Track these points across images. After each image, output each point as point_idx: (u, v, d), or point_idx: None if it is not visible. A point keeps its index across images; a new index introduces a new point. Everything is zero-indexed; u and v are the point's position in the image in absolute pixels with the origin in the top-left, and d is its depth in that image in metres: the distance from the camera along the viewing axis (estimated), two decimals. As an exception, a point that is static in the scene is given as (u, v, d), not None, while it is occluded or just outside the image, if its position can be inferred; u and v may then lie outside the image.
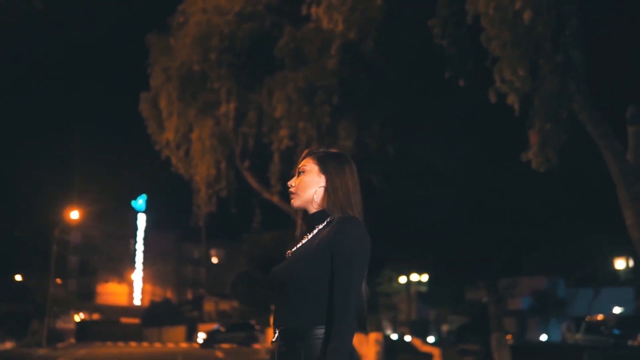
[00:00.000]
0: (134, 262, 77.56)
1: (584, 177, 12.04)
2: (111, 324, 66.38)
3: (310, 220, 2.64)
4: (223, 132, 13.67)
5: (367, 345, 15.44)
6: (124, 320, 70.19)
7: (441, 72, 10.03)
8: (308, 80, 11.97)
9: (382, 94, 12.23)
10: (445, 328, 39.89)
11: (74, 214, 48.98)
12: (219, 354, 36.74)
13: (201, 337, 45.58)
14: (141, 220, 78.55)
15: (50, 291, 48.15)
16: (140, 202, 78.85)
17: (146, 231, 78.56)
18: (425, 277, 34.47)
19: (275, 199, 14.05)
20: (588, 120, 8.98)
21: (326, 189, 2.59)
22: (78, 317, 63.74)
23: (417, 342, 20.81)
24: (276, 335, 2.60)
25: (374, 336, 15.43)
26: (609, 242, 30.10)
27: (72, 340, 55.19)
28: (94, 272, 74.08)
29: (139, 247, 78.11)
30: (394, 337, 32.39)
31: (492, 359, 14.18)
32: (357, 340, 15.82)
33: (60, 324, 54.98)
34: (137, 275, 77.46)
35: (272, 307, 2.58)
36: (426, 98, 12.84)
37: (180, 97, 13.55)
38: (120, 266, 75.73)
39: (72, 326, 59.47)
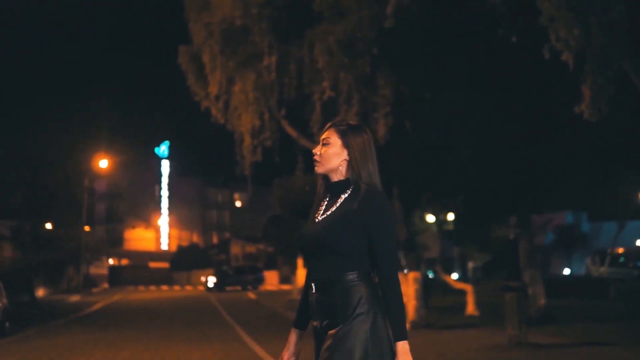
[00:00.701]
0: (159, 208, 78.92)
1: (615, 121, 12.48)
2: (141, 269, 67.94)
3: (334, 187, 2.99)
4: (265, 84, 14.13)
5: (406, 284, 16.10)
6: (152, 264, 71.80)
7: (484, 29, 10.39)
8: (348, 32, 12.38)
9: (422, 48, 12.62)
10: (470, 265, 40.74)
11: (103, 163, 49.85)
12: (252, 295, 37.82)
13: (211, 280, 45.76)
14: (165, 166, 79.63)
15: (83, 238, 49.30)
16: (163, 149, 79.86)
17: (170, 177, 79.68)
18: (451, 216, 35.12)
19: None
20: (633, 72, 9.45)
21: (349, 161, 2.95)
22: (110, 263, 65.32)
23: (450, 280, 21.51)
24: (313, 287, 3.02)
25: (412, 275, 16.08)
26: (634, 176, 30.50)
27: (106, 285, 56.80)
28: (121, 219, 75.50)
29: (164, 193, 79.34)
30: (430, 274, 33.26)
31: (526, 294, 14.79)
32: (397, 279, 16.54)
33: (93, 270, 56.44)
34: (164, 221, 78.88)
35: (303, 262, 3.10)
36: (457, 54, 13.29)
37: (222, 51, 14.00)
38: (146, 212, 77.08)
39: (104, 272, 61.04)
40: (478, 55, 13.59)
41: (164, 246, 78.00)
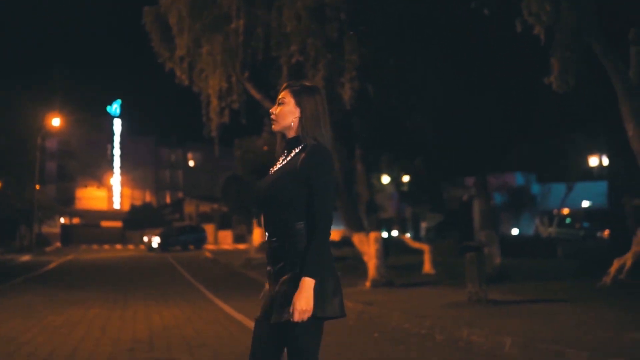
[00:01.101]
0: (112, 167, 78.13)
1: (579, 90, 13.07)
2: (93, 228, 67.51)
3: (288, 143, 3.28)
4: (232, 47, 14.23)
5: (367, 244, 16.59)
6: (105, 224, 71.37)
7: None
8: (316, -1, 12.62)
9: (388, 14, 12.89)
10: (423, 225, 41.60)
11: (55, 121, 49.09)
12: (208, 254, 38.10)
13: (155, 241, 45.08)
14: (117, 125, 78.64)
15: (35, 197, 48.71)
16: (115, 108, 78.75)
17: (122, 136, 78.78)
18: (406, 178, 35.79)
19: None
20: (598, 47, 10.00)
21: (300, 119, 3.22)
22: (62, 222, 64.67)
23: (407, 239, 22.08)
24: (267, 235, 3.31)
25: (373, 235, 16.55)
26: (583, 140, 31.52)
27: (58, 244, 56.35)
28: (73, 178, 74.58)
29: (116, 152, 78.50)
30: (384, 234, 33.89)
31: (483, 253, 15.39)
32: (358, 239, 17.00)
33: (46, 229, 55.94)
34: (116, 180, 78.19)
35: (261, 216, 3.44)
36: (425, 22, 13.64)
37: (190, 13, 14.04)
38: (99, 172, 76.26)
39: (57, 230, 60.48)
40: (447, 24, 13.95)
41: (117, 205, 77.46)
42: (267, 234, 3.28)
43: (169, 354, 8.02)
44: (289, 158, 3.25)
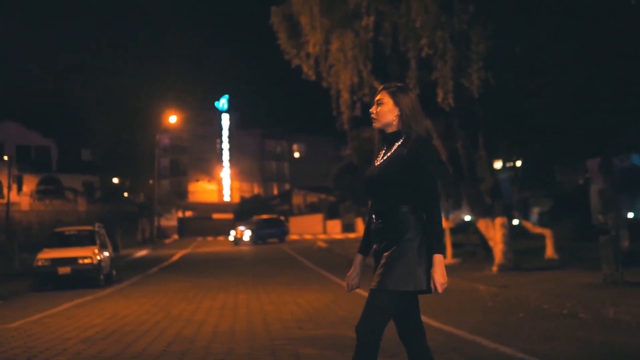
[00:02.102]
0: (221, 160, 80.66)
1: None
2: (206, 220, 69.89)
3: (390, 138, 3.72)
4: (362, 43, 14.90)
5: (493, 229, 16.94)
6: (216, 216, 73.74)
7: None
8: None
9: (514, 6, 13.22)
10: (536, 210, 41.09)
11: (172, 118, 51.27)
12: (321, 244, 39.04)
13: (247, 234, 44.04)
14: (225, 120, 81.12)
15: (155, 191, 51.08)
16: (222, 103, 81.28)
17: (230, 130, 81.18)
18: (519, 163, 35.47)
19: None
20: None
21: (400, 116, 3.67)
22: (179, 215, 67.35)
23: (528, 224, 22.15)
24: (374, 217, 3.78)
25: (499, 220, 16.87)
26: None
27: (176, 236, 58.82)
28: (185, 172, 77.48)
29: (225, 146, 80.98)
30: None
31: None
32: (484, 224, 17.36)
33: (164, 222, 58.51)
34: (225, 173, 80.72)
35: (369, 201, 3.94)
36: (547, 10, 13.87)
37: (321, 12, 14.77)
38: (209, 165, 78.91)
39: (174, 223, 63.11)
40: (566, 10, 14.13)
41: (227, 198, 79.95)
42: (374, 215, 3.77)
43: (337, 329, 8.75)
44: (392, 149, 3.72)
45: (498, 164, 38.09)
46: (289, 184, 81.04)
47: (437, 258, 3.52)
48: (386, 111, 3.74)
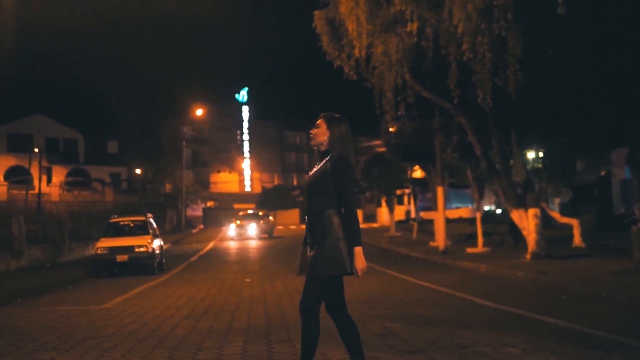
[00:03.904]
0: (242, 151, 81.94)
1: None
2: (228, 210, 71.11)
3: (322, 154, 4.70)
4: (406, 47, 16.03)
5: (526, 219, 18.05)
6: (237, 206, 74.96)
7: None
8: (485, 0, 14.17)
9: (550, 11, 14.24)
10: (557, 201, 42.11)
11: (199, 112, 52.52)
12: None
13: (252, 228, 42.18)
14: (245, 112, 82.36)
15: (183, 182, 52.33)
16: (242, 95, 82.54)
17: (250, 122, 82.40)
18: (540, 154, 36.47)
19: (448, 105, 17.01)
20: None
21: (329, 139, 4.64)
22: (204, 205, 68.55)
23: (556, 214, 23.19)
24: (307, 217, 4.77)
25: (532, 211, 17.97)
26: None
27: (201, 226, 60.06)
28: (206, 164, 78.77)
29: (245, 137, 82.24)
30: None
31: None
32: (518, 215, 18.44)
33: (189, 212, 59.79)
34: (246, 164, 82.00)
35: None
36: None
37: (367, 20, 15.88)
38: (230, 156, 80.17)
39: (199, 213, 64.39)
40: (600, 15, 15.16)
41: (247, 188, 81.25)
42: (307, 216, 4.77)
43: (399, 309, 9.92)
44: (322, 163, 4.74)
45: (530, 155, 39.15)
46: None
47: (357, 249, 4.53)
48: (320, 133, 4.75)
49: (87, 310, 11.19)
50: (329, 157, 4.69)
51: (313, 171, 4.74)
